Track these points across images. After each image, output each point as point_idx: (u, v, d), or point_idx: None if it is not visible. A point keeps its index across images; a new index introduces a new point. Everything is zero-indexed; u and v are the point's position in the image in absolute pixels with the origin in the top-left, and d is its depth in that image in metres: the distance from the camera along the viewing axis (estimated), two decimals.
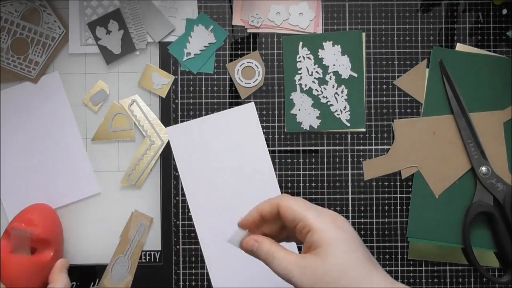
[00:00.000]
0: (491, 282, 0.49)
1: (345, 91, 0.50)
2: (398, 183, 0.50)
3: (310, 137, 0.50)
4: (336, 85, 0.50)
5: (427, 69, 0.50)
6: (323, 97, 0.50)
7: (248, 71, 0.50)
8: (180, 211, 0.50)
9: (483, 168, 0.48)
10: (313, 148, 0.50)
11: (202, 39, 0.50)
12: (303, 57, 0.50)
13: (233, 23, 0.51)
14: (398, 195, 0.50)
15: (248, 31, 0.51)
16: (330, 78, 0.50)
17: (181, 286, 0.50)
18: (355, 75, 0.50)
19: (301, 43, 0.50)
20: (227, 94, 0.50)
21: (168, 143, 0.50)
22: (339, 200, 0.50)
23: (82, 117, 0.51)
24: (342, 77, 0.50)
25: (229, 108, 0.50)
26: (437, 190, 0.49)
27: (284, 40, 0.50)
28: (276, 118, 0.50)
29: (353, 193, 0.50)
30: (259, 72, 0.49)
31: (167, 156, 0.50)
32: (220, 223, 0.49)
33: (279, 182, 0.50)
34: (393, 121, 0.50)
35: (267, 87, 0.50)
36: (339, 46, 0.50)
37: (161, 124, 0.50)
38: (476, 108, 0.49)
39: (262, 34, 0.51)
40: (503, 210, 0.47)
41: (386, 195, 0.50)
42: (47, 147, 0.50)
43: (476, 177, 0.49)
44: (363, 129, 0.50)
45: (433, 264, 0.50)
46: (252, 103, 0.50)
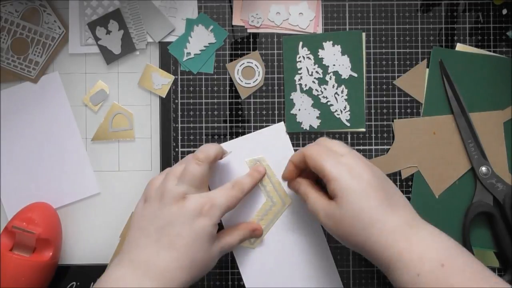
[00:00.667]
0: None
1: (345, 91, 0.50)
2: (398, 183, 0.50)
3: (310, 137, 0.50)
4: (336, 85, 0.50)
5: (427, 69, 0.50)
6: (323, 97, 0.50)
7: (248, 71, 0.50)
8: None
9: (483, 168, 0.48)
10: None
11: (202, 39, 0.50)
12: (303, 57, 0.50)
13: (233, 23, 0.51)
14: None
15: (248, 31, 0.51)
16: (330, 78, 0.50)
17: None
18: (355, 75, 0.50)
19: (301, 43, 0.50)
20: (227, 94, 0.50)
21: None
22: None
23: (82, 117, 0.51)
24: (342, 77, 0.50)
25: (259, 129, 0.50)
26: (437, 190, 0.49)
27: (284, 40, 0.50)
28: (276, 118, 0.50)
29: None
30: (259, 72, 0.49)
31: (167, 158, 0.50)
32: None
33: None
34: (393, 121, 0.50)
35: (267, 87, 0.50)
36: (339, 46, 0.50)
37: (284, 188, 0.49)
38: (476, 108, 0.49)
39: (262, 34, 0.51)
40: (503, 210, 0.47)
41: None
42: (47, 147, 0.50)
43: (476, 177, 0.49)
44: (363, 129, 0.50)
45: None
46: (282, 123, 0.50)
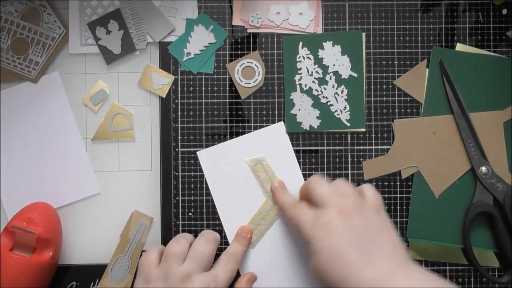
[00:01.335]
0: (491, 282, 0.49)
1: (345, 91, 0.50)
2: (398, 183, 0.50)
3: (310, 137, 0.50)
4: (336, 85, 0.50)
5: (427, 69, 0.50)
6: (323, 97, 0.50)
7: (248, 71, 0.50)
8: (180, 211, 0.50)
9: (483, 168, 0.48)
10: (313, 148, 0.50)
11: (202, 39, 0.50)
12: (303, 57, 0.50)
13: (233, 23, 0.51)
14: (398, 195, 0.50)
15: (248, 31, 0.51)
16: (330, 78, 0.50)
17: None
18: (355, 75, 0.50)
19: (301, 43, 0.50)
20: (227, 94, 0.50)
21: None
22: None
23: (82, 117, 0.51)
24: (342, 77, 0.50)
25: (259, 129, 0.50)
26: (437, 190, 0.49)
27: (284, 40, 0.50)
28: (276, 118, 0.50)
29: None
30: (259, 72, 0.49)
31: (167, 158, 0.50)
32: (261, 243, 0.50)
33: None
34: (393, 121, 0.50)
35: (267, 87, 0.50)
36: (339, 46, 0.50)
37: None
38: (476, 108, 0.49)
39: (262, 34, 0.51)
40: (503, 210, 0.47)
41: (386, 195, 0.50)
42: (47, 147, 0.50)
43: (476, 177, 0.49)
44: (363, 129, 0.50)
45: (433, 264, 0.50)
46: (281, 123, 0.50)
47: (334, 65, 0.50)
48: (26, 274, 0.45)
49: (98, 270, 0.50)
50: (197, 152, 0.50)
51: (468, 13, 0.51)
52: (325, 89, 0.50)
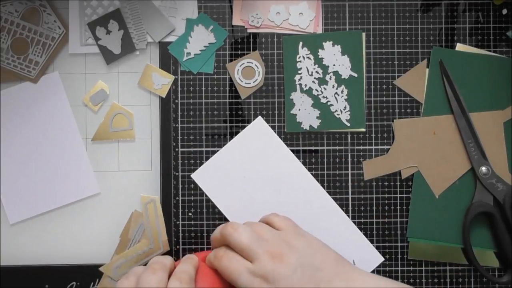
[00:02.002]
0: (491, 282, 0.49)
1: (345, 91, 0.50)
2: (398, 183, 0.50)
3: (310, 137, 0.50)
4: (336, 85, 0.50)
5: (427, 69, 0.50)
6: (323, 97, 0.50)
7: (248, 71, 0.50)
8: (180, 211, 0.50)
9: (483, 168, 0.48)
10: (313, 148, 0.50)
11: (202, 39, 0.50)
12: (303, 57, 0.50)
13: (233, 23, 0.51)
14: (398, 195, 0.50)
15: (248, 31, 0.51)
16: (330, 78, 0.50)
17: None
18: (355, 75, 0.50)
19: (301, 43, 0.50)
20: (227, 94, 0.50)
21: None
22: (339, 200, 0.50)
23: (82, 117, 0.51)
24: (342, 77, 0.50)
25: (241, 131, 0.50)
26: (437, 190, 0.49)
27: (284, 40, 0.50)
28: (276, 118, 0.50)
29: (353, 193, 0.50)
30: (259, 72, 0.49)
31: (167, 158, 0.50)
32: None
33: None
34: (393, 121, 0.50)
35: (267, 87, 0.50)
36: (339, 46, 0.50)
37: (165, 235, 0.49)
38: (476, 108, 0.49)
39: (262, 34, 0.51)
40: (503, 210, 0.47)
41: (386, 195, 0.50)
42: (47, 147, 0.50)
43: (476, 177, 0.49)
44: (363, 129, 0.50)
45: (433, 264, 0.50)
46: (259, 117, 0.50)
47: (334, 65, 0.50)
48: None
49: (98, 270, 0.50)
50: (192, 176, 0.50)
51: (468, 13, 0.51)
52: (325, 89, 0.50)
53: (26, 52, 0.50)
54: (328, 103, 0.50)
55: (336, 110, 0.50)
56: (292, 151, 0.50)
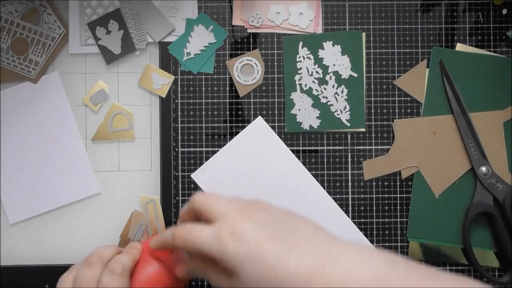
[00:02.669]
0: (491, 282, 0.49)
1: (345, 91, 0.50)
2: (398, 183, 0.50)
3: (310, 137, 0.50)
4: (336, 85, 0.50)
5: (427, 69, 0.50)
6: (323, 97, 0.50)
7: (247, 69, 0.50)
8: (180, 211, 0.50)
9: (483, 168, 0.48)
10: (313, 148, 0.50)
11: (202, 39, 0.50)
12: (303, 57, 0.50)
13: (233, 23, 0.51)
14: (398, 195, 0.50)
15: (248, 31, 0.51)
16: (330, 78, 0.50)
17: None
18: (355, 75, 0.50)
19: (301, 43, 0.50)
20: (227, 94, 0.50)
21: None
22: (339, 200, 0.50)
23: (82, 117, 0.51)
24: (342, 77, 0.50)
25: (241, 131, 0.50)
26: (437, 190, 0.49)
27: (284, 40, 0.50)
28: (276, 118, 0.50)
29: (353, 193, 0.50)
30: (258, 71, 0.49)
31: (167, 158, 0.50)
32: None
33: None
34: (393, 121, 0.50)
35: (267, 87, 0.50)
36: (339, 46, 0.50)
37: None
38: (476, 108, 0.49)
39: (262, 34, 0.51)
40: (503, 210, 0.47)
41: (386, 195, 0.50)
42: (47, 147, 0.50)
43: (476, 177, 0.49)
44: (363, 129, 0.50)
45: (433, 264, 0.50)
46: (259, 117, 0.50)
47: (334, 65, 0.50)
48: None
49: None
50: (192, 176, 0.50)
51: (468, 13, 0.51)
52: (325, 89, 0.50)
53: (26, 52, 0.50)
54: (328, 103, 0.50)
55: (336, 110, 0.50)
56: (292, 151, 0.50)
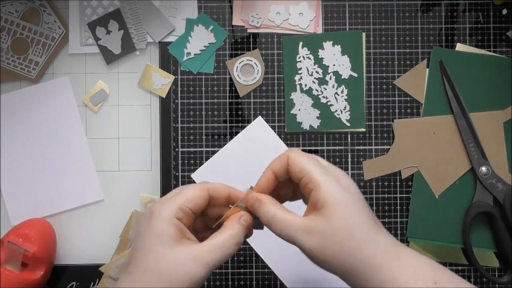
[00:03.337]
0: (491, 282, 0.49)
1: (345, 91, 0.50)
2: (398, 183, 0.50)
3: (310, 137, 0.50)
4: (336, 85, 0.50)
5: (427, 69, 0.50)
6: (323, 97, 0.50)
7: (247, 69, 0.50)
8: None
9: (483, 168, 0.48)
10: (313, 148, 0.50)
11: (202, 39, 0.50)
12: (303, 57, 0.50)
13: (233, 23, 0.51)
14: (398, 195, 0.50)
15: (248, 31, 0.51)
16: (330, 78, 0.50)
17: None
18: (355, 75, 0.50)
19: (301, 43, 0.50)
20: (227, 94, 0.50)
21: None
22: None
23: (82, 117, 0.51)
24: (342, 77, 0.50)
25: (241, 131, 0.50)
26: (437, 190, 0.49)
27: (284, 40, 0.50)
28: (276, 118, 0.50)
29: None
30: (258, 71, 0.49)
31: (167, 158, 0.50)
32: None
33: None
34: (393, 121, 0.50)
35: (267, 87, 0.50)
36: (339, 46, 0.50)
37: None
38: (476, 108, 0.49)
39: (262, 34, 0.51)
40: (503, 210, 0.47)
41: (386, 195, 0.50)
42: (51, 150, 0.50)
43: (476, 177, 0.49)
44: (363, 129, 0.50)
45: None
46: (259, 117, 0.50)
47: (334, 65, 0.50)
48: None
49: (98, 270, 0.50)
50: (192, 176, 0.50)
51: (468, 13, 0.51)
52: (325, 89, 0.50)
53: (26, 52, 0.50)
54: (328, 103, 0.50)
55: (336, 110, 0.50)
56: None
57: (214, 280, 0.50)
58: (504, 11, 0.50)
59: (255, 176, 0.49)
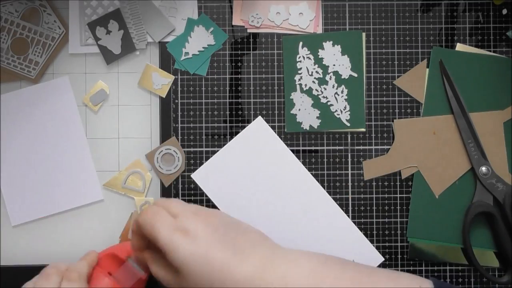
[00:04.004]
0: (491, 282, 0.49)
1: (345, 91, 0.50)
2: (398, 183, 0.50)
3: (310, 137, 0.50)
4: (336, 85, 0.50)
5: (427, 69, 0.50)
6: (323, 97, 0.50)
7: (168, 158, 0.49)
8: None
9: (483, 168, 0.48)
10: (313, 148, 0.50)
11: (202, 40, 0.50)
12: (303, 57, 0.50)
13: (233, 23, 0.51)
14: (398, 195, 0.50)
15: (248, 31, 0.51)
16: (330, 78, 0.50)
17: None
18: (355, 75, 0.50)
19: (301, 43, 0.50)
20: (227, 94, 0.50)
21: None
22: (339, 200, 0.50)
23: (82, 117, 0.51)
24: (342, 77, 0.50)
25: (241, 131, 0.50)
26: (437, 190, 0.49)
27: (284, 40, 0.50)
28: (276, 118, 0.50)
29: (353, 193, 0.50)
30: (179, 158, 0.49)
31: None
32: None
33: None
34: (393, 121, 0.50)
35: (267, 87, 0.50)
36: (339, 46, 0.50)
37: None
38: (476, 108, 0.49)
39: (262, 34, 0.51)
40: (503, 210, 0.47)
41: (386, 195, 0.50)
42: (51, 150, 0.50)
43: (476, 177, 0.49)
44: (363, 129, 0.50)
45: (433, 264, 0.50)
46: (259, 117, 0.50)
47: (334, 65, 0.50)
48: None
49: None
50: (192, 176, 0.50)
51: (468, 13, 0.51)
52: (325, 89, 0.50)
53: (26, 52, 0.50)
54: (328, 103, 0.50)
55: (336, 110, 0.50)
56: (292, 151, 0.50)
57: None
58: (504, 11, 0.50)
59: (255, 176, 0.49)
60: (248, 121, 0.50)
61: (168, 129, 0.50)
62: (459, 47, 0.50)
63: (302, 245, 0.49)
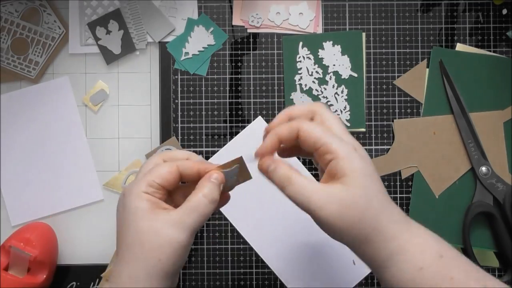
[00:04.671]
0: None
1: (345, 91, 0.50)
2: (398, 183, 0.50)
3: None
4: (336, 85, 0.50)
5: (427, 69, 0.50)
6: (323, 97, 0.50)
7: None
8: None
9: (483, 168, 0.48)
10: None
11: (202, 40, 0.50)
12: (303, 57, 0.50)
13: (233, 23, 0.51)
14: (398, 195, 0.50)
15: (248, 31, 0.51)
16: (330, 78, 0.50)
17: (181, 286, 0.50)
18: (355, 75, 0.50)
19: (301, 43, 0.50)
20: (227, 94, 0.50)
21: None
22: None
23: (82, 117, 0.51)
24: (342, 77, 0.50)
25: (241, 131, 0.50)
26: (437, 190, 0.49)
27: (284, 40, 0.50)
28: None
29: None
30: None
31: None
32: (277, 236, 0.49)
33: None
34: (393, 121, 0.50)
35: (267, 87, 0.50)
36: (339, 46, 0.50)
37: None
38: (476, 108, 0.49)
39: (262, 34, 0.51)
40: (503, 210, 0.47)
41: None
42: (52, 150, 0.50)
43: (476, 177, 0.49)
44: (363, 129, 0.50)
45: None
46: (259, 117, 0.50)
47: (334, 65, 0.50)
48: None
49: (98, 270, 0.50)
50: None
51: (468, 13, 0.51)
52: (325, 89, 0.50)
53: (26, 52, 0.50)
54: (328, 103, 0.50)
55: (336, 110, 0.50)
56: None
57: (214, 280, 0.50)
58: (504, 11, 0.50)
59: (255, 176, 0.49)
60: (248, 121, 0.50)
61: (168, 129, 0.50)
62: (459, 47, 0.50)
63: (302, 244, 0.49)
